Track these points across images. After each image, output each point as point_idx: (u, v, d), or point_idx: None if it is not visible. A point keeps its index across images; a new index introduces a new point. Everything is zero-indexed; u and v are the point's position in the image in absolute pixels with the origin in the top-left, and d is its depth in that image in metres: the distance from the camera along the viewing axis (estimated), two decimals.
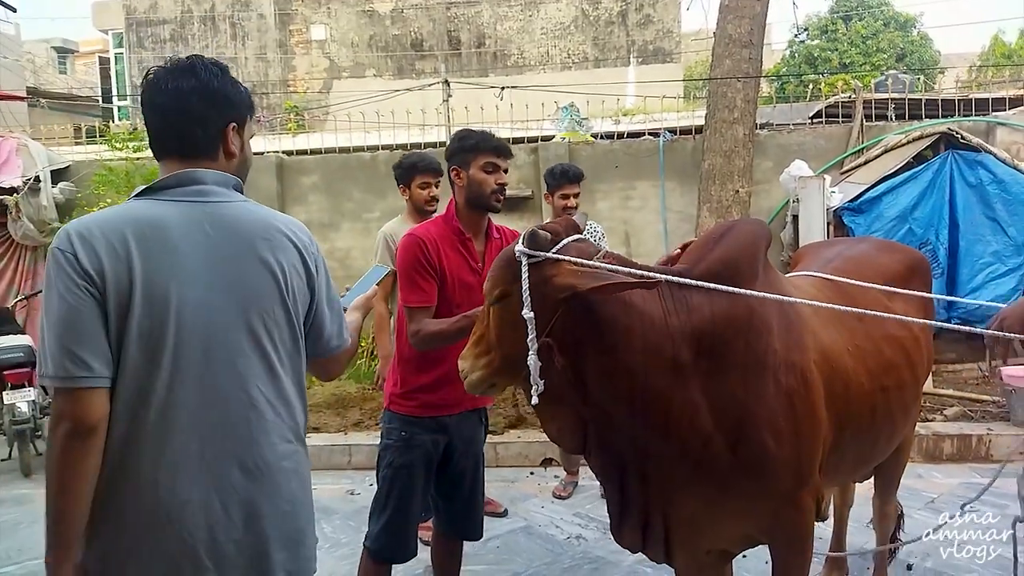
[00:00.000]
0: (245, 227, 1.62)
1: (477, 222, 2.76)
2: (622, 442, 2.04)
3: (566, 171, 4.49)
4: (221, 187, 1.64)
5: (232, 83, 1.70)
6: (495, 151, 2.70)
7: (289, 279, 1.64)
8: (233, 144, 1.68)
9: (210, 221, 1.58)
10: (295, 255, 1.66)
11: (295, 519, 1.67)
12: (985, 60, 18.13)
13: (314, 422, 6.31)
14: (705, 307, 1.99)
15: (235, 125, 1.69)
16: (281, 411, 1.65)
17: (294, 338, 1.67)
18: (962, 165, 6.69)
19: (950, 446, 5.29)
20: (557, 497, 4.70)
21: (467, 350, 2.08)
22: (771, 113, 8.80)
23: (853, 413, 2.28)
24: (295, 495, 1.68)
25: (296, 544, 1.67)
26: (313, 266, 1.70)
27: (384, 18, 15.81)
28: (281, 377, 1.64)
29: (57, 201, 8.08)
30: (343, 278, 8.11)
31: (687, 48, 17.23)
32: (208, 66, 1.68)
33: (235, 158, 1.70)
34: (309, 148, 8.83)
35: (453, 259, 2.67)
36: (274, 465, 1.62)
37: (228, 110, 1.68)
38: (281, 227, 1.67)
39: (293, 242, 1.67)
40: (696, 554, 2.24)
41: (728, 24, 7.04)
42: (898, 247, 3.26)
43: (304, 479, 1.72)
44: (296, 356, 1.69)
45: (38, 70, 19.43)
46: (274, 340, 1.63)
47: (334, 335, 1.78)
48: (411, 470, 2.69)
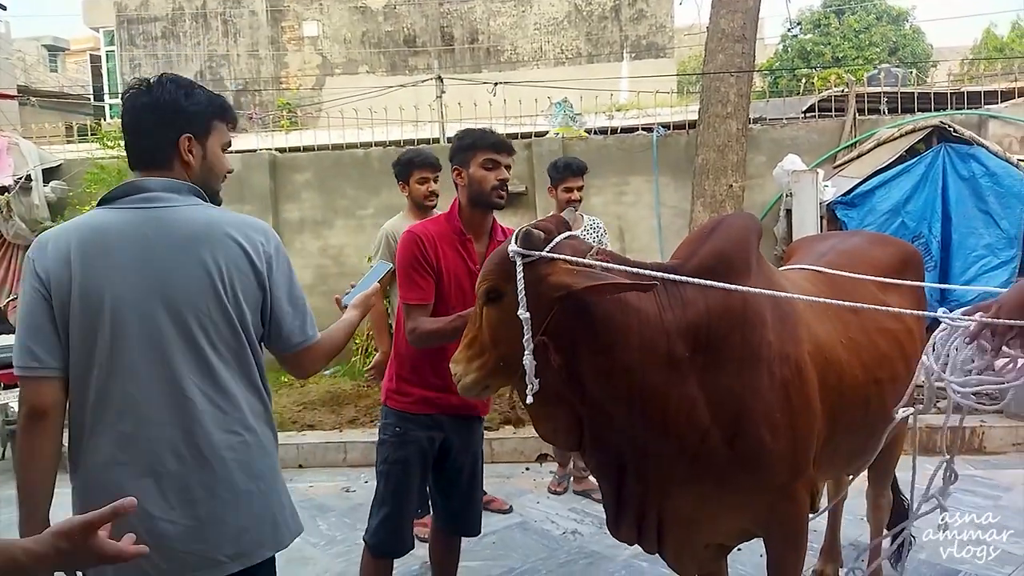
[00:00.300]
0: (185, 230, 1.72)
1: (480, 222, 2.75)
2: (619, 438, 2.04)
3: (569, 164, 4.46)
4: (170, 193, 1.75)
5: (188, 96, 1.80)
6: (493, 147, 2.69)
7: (228, 278, 1.73)
8: (188, 155, 1.79)
9: (152, 225, 1.71)
10: (239, 255, 1.75)
11: (235, 507, 1.74)
12: (977, 53, 18.19)
13: (309, 419, 6.30)
14: (700, 301, 1.99)
15: (190, 137, 1.79)
16: (220, 403, 1.73)
17: (235, 334, 1.75)
18: (954, 158, 6.70)
19: (943, 438, 5.29)
20: (553, 493, 4.70)
21: (459, 353, 2.05)
22: (764, 108, 8.81)
23: (847, 405, 2.28)
24: (237, 485, 1.74)
25: (240, 531, 1.74)
26: (263, 265, 1.78)
27: (377, 14, 15.78)
28: (218, 371, 1.73)
29: (49, 200, 8.05)
30: (337, 275, 8.12)
31: (680, 43, 17.23)
32: (166, 83, 1.80)
33: (192, 167, 1.81)
34: (302, 145, 8.82)
35: (451, 258, 2.66)
36: (211, 454, 1.71)
37: (181, 124, 1.78)
38: (227, 228, 1.75)
39: (238, 243, 1.75)
40: (693, 548, 2.24)
41: (721, 19, 7.04)
42: (891, 240, 3.26)
43: (255, 471, 1.78)
44: (241, 351, 1.77)
45: (29, 68, 19.35)
46: (210, 336, 1.72)
47: (295, 331, 1.85)
48: (406, 465, 2.70)
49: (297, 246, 8.35)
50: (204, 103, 1.82)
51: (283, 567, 3.82)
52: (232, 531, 1.73)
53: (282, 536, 1.85)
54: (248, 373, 1.79)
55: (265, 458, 1.81)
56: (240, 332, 1.76)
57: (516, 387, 2.05)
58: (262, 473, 1.79)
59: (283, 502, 1.86)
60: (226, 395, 1.74)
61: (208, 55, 16.06)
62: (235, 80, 15.96)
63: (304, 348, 1.87)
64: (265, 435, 1.82)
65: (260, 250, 1.78)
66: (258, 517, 1.78)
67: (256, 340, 1.82)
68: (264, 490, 1.79)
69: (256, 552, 1.78)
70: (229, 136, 1.91)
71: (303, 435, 5.94)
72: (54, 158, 8.59)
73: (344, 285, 2.67)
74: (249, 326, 1.78)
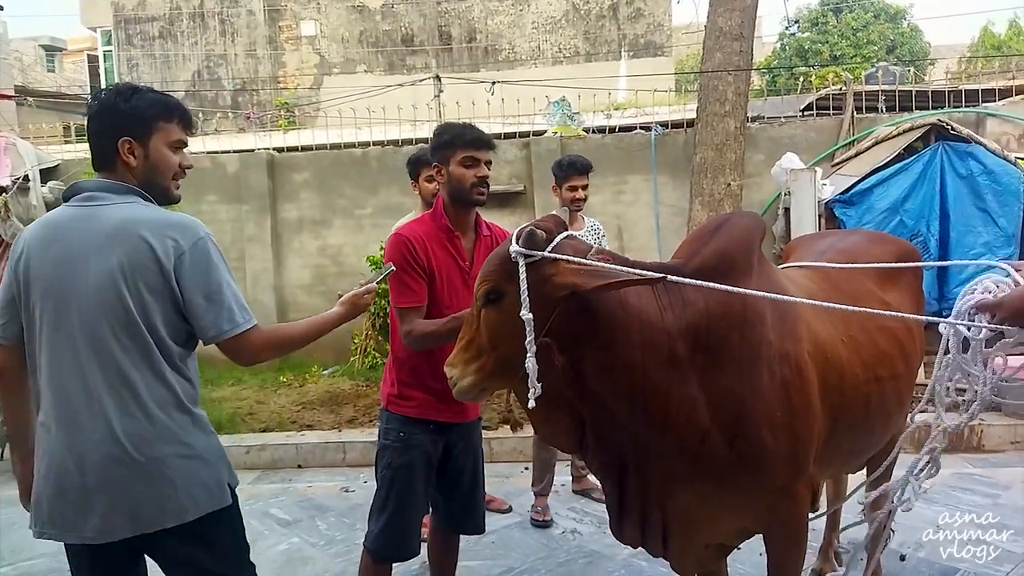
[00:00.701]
0: (105, 227, 1.90)
1: (465, 219, 2.73)
2: (621, 438, 2.04)
3: (574, 162, 4.39)
4: (105, 192, 1.95)
5: (127, 101, 1.95)
6: (472, 144, 2.65)
7: (131, 275, 1.88)
8: (128, 156, 1.95)
9: (82, 223, 1.92)
10: (145, 253, 1.88)
11: (128, 481, 1.90)
12: (975, 51, 18.20)
13: (308, 419, 6.30)
14: (700, 301, 1.99)
15: (128, 140, 1.95)
16: (120, 389, 1.89)
17: (135, 326, 1.89)
18: (952, 156, 6.71)
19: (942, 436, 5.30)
20: (537, 524, 4.28)
21: (455, 356, 2.02)
22: (762, 106, 8.80)
23: (848, 404, 2.28)
24: (133, 463, 1.89)
25: (134, 503, 1.91)
26: (170, 263, 1.89)
27: (374, 13, 15.77)
28: (119, 360, 1.89)
29: (46, 200, 8.02)
30: (335, 275, 8.12)
31: (678, 41, 17.22)
32: (109, 91, 1.99)
33: (133, 167, 1.97)
34: (300, 145, 8.81)
35: (441, 257, 2.64)
36: (108, 436, 1.88)
37: (121, 128, 1.95)
38: (141, 228, 1.90)
39: (147, 241, 1.88)
40: (694, 548, 2.24)
41: (719, 17, 7.04)
42: (890, 239, 3.27)
43: (152, 454, 1.91)
44: (143, 342, 1.90)
45: (26, 68, 19.32)
46: (113, 328, 1.88)
47: (208, 324, 1.94)
48: (410, 470, 2.67)
49: (296, 246, 8.35)
50: (144, 106, 1.96)
51: (282, 566, 3.86)
52: (116, 503, 1.89)
53: (181, 511, 1.94)
54: (152, 363, 1.91)
55: (170, 441, 1.93)
56: (141, 325, 1.89)
57: (515, 389, 2.04)
58: (165, 455, 1.92)
59: (191, 481, 1.96)
60: (126, 382, 1.89)
61: (206, 55, 16.05)
62: (233, 80, 15.95)
63: (226, 339, 1.95)
64: (172, 420, 1.94)
65: (170, 248, 1.89)
66: (158, 492, 1.91)
67: (164, 333, 1.93)
68: (166, 471, 1.91)
69: (155, 521, 1.92)
70: (180, 134, 2.03)
71: (302, 435, 5.94)
72: (52, 158, 8.57)
73: (343, 284, 2.68)
74: (154, 319, 1.91)
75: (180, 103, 2.07)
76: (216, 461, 2.04)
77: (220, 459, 2.07)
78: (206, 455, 2.01)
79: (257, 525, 4.30)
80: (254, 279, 8.02)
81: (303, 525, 4.46)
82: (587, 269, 1.88)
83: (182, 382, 1.98)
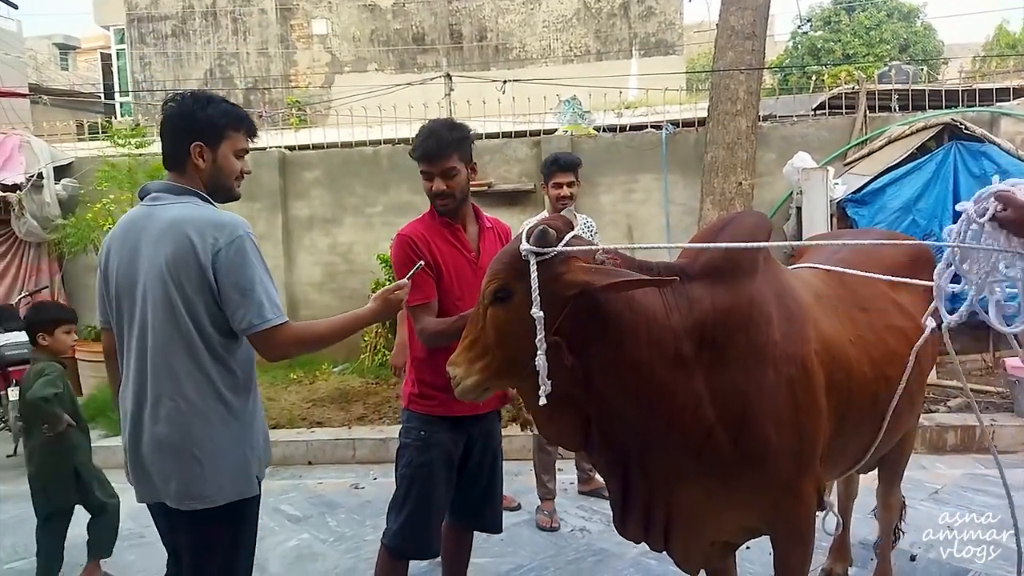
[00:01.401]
0: (161, 224, 2.07)
1: (460, 211, 2.71)
2: (627, 436, 2.04)
3: (557, 159, 4.31)
4: (166, 193, 2.15)
5: (203, 109, 2.13)
6: (421, 159, 2.64)
7: (175, 269, 2.03)
8: (199, 159, 2.14)
9: (145, 221, 2.12)
10: (187, 248, 2.03)
11: (161, 457, 2.10)
12: (989, 50, 18.06)
13: (318, 416, 6.33)
14: (706, 300, 1.99)
15: (199, 144, 2.13)
16: (163, 372, 2.07)
17: (178, 317, 2.05)
18: (966, 156, 6.67)
19: (954, 437, 5.28)
20: (544, 529, 4.24)
21: (458, 355, 2.00)
22: (774, 105, 8.77)
23: (856, 403, 2.28)
24: (170, 442, 2.08)
25: (166, 477, 2.10)
26: (208, 259, 2.03)
27: (385, 12, 15.79)
28: (165, 348, 2.06)
29: (60, 198, 8.09)
30: (345, 272, 8.15)
31: (689, 40, 17.16)
32: (187, 97, 2.17)
33: (201, 170, 2.16)
34: (311, 143, 8.83)
35: (446, 251, 2.64)
36: (153, 413, 2.08)
37: (193, 133, 2.13)
38: (186, 226, 2.05)
39: (190, 238, 2.03)
40: (700, 545, 2.24)
41: (730, 16, 7.02)
42: (903, 239, 3.25)
43: (192, 435, 2.08)
44: (184, 331, 2.06)
45: (40, 67, 19.45)
46: (160, 318, 2.06)
47: (237, 318, 2.06)
48: (431, 469, 2.66)
49: (306, 243, 8.37)
50: (217, 115, 2.14)
51: (293, 562, 3.88)
52: (160, 475, 2.10)
53: (209, 494, 2.10)
54: (192, 352, 2.07)
55: (203, 425, 2.09)
56: (184, 316, 2.05)
57: (521, 388, 2.03)
58: (197, 438, 2.08)
59: (218, 465, 2.10)
60: (169, 369, 2.07)
61: (218, 53, 16.10)
62: (245, 78, 16.00)
63: (254, 333, 2.06)
64: (206, 405, 2.09)
65: (208, 245, 2.03)
66: (185, 473, 2.08)
67: (206, 323, 2.08)
68: (196, 452, 2.07)
69: (183, 501, 2.09)
70: (245, 143, 2.22)
71: (312, 432, 5.96)
72: (65, 156, 8.63)
73: (353, 282, 2.70)
74: (196, 311, 2.06)
75: (248, 115, 2.25)
76: (243, 450, 2.16)
77: (249, 449, 2.19)
78: (233, 444, 2.14)
79: (267, 521, 4.32)
80: None
81: (313, 521, 4.48)
82: (598, 268, 1.88)
83: (222, 371, 2.11)
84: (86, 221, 7.41)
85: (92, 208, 7.41)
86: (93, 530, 3.76)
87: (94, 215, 7.34)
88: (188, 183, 2.17)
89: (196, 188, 2.17)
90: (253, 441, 2.21)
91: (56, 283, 8.28)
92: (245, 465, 2.17)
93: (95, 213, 7.34)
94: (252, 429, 2.21)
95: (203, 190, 2.18)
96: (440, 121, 2.73)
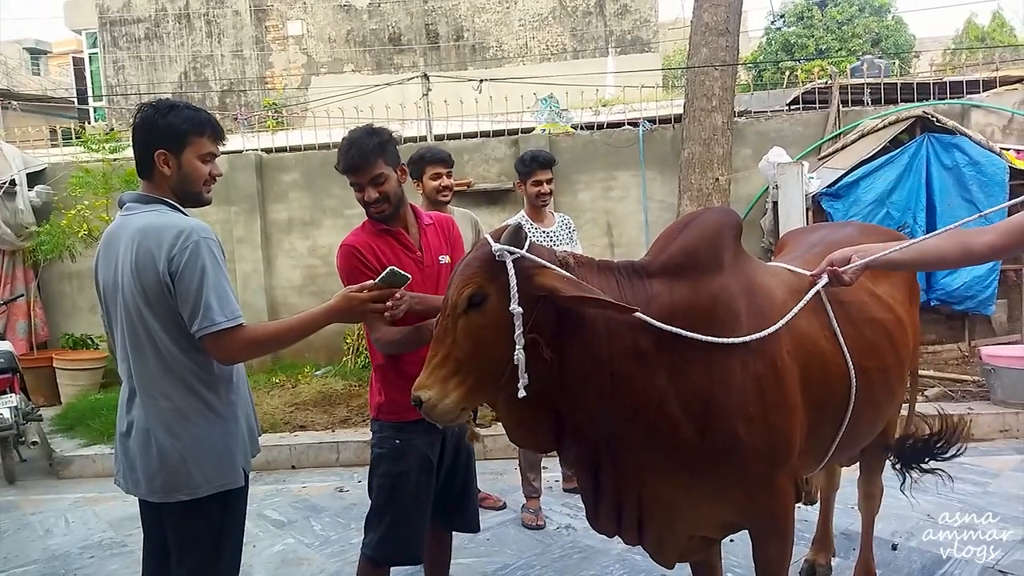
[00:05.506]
0: (130, 233, 2.14)
1: (400, 215, 2.68)
2: (595, 430, 2.04)
3: (536, 157, 4.34)
4: (137, 203, 2.21)
5: (164, 117, 2.15)
6: (346, 171, 2.61)
7: (139, 275, 2.10)
8: (164, 167, 2.18)
9: (121, 231, 2.18)
10: (149, 255, 2.09)
11: (147, 452, 2.17)
12: (959, 43, 18.29)
13: (301, 420, 6.30)
14: (664, 296, 1.99)
15: (163, 152, 2.16)
16: (142, 372, 2.16)
17: (145, 319, 2.13)
18: (938, 148, 6.75)
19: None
20: (529, 527, 4.26)
21: (427, 377, 1.88)
22: (749, 101, 8.84)
23: (833, 396, 2.30)
24: (155, 438, 2.15)
25: (153, 472, 2.16)
26: (164, 265, 2.08)
27: (361, 12, 15.71)
28: (140, 350, 2.15)
29: (34, 204, 7.98)
30: (325, 275, 8.11)
31: (665, 37, 17.24)
32: (157, 106, 2.19)
33: (168, 177, 2.19)
34: (288, 145, 8.78)
35: (392, 257, 2.59)
36: (138, 411, 2.17)
37: (156, 141, 2.17)
38: (149, 233, 2.11)
39: (151, 245, 2.09)
40: (675, 539, 2.25)
41: (704, 12, 7.06)
42: (881, 230, 3.28)
43: (173, 430, 2.15)
44: (151, 333, 2.13)
45: (10, 72, 19.17)
46: (133, 322, 2.15)
47: (191, 323, 2.10)
48: (408, 477, 2.62)
49: (286, 246, 8.33)
50: (179, 122, 2.16)
51: (278, 567, 3.86)
52: (145, 468, 2.16)
53: (193, 485, 2.15)
54: (159, 354, 2.14)
55: (183, 421, 2.15)
56: (149, 319, 2.12)
57: (495, 396, 1.98)
58: (178, 433, 2.15)
59: (201, 458, 2.16)
60: (144, 367, 2.15)
61: (192, 56, 15.95)
62: (220, 81, 15.86)
63: (204, 336, 2.09)
64: (185, 403, 2.16)
65: (164, 252, 2.08)
66: (169, 466, 2.14)
67: (171, 326, 2.13)
68: (178, 447, 2.14)
69: (169, 493, 2.15)
70: (211, 147, 2.23)
71: (295, 436, 5.94)
72: (38, 162, 8.52)
73: (333, 285, 2.66)
74: (159, 314, 2.12)
75: (212, 118, 2.25)
76: (226, 442, 2.21)
77: (233, 441, 2.23)
78: (215, 436, 2.19)
79: (251, 527, 4.28)
80: (244, 281, 8.00)
81: (298, 526, 4.46)
82: (568, 277, 1.90)
83: (195, 369, 2.17)
84: (61, 228, 7.33)
85: (67, 214, 7.33)
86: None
87: (69, 221, 7.26)
88: (156, 191, 2.21)
89: (164, 196, 2.21)
90: (237, 433, 2.25)
91: (32, 291, 8.18)
92: (229, 456, 2.21)
93: (70, 219, 7.26)
94: (235, 421, 2.25)
95: (172, 197, 2.21)
96: (359, 129, 2.68)
